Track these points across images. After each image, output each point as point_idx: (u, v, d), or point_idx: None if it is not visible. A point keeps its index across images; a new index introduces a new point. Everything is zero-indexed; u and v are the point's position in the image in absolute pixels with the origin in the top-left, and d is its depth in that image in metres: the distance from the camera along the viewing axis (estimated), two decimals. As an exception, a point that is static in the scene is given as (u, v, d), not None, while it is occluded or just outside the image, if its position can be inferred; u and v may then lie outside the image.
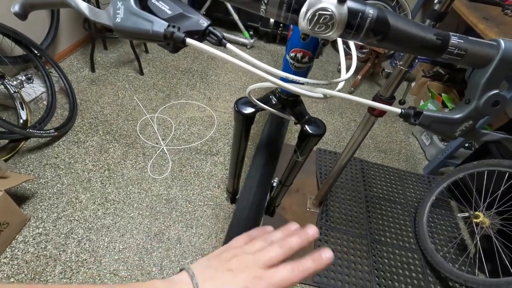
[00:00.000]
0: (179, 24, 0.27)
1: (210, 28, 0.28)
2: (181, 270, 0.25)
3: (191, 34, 0.27)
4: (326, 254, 0.26)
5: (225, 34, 2.30)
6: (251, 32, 2.35)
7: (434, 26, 0.69)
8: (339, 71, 2.32)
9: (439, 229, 1.37)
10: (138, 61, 1.81)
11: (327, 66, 2.37)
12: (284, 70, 0.49)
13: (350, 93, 2.14)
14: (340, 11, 0.24)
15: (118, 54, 1.97)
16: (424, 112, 0.29)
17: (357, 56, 2.47)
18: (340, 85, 0.35)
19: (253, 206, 0.55)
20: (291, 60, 0.46)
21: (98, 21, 0.26)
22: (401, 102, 0.80)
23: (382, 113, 0.89)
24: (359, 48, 2.40)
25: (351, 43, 0.37)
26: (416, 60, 2.19)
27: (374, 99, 0.89)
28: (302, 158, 0.59)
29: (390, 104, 0.88)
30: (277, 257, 0.26)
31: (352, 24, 0.25)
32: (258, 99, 0.50)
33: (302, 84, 0.33)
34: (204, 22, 0.28)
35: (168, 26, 0.26)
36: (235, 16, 2.22)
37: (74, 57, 1.85)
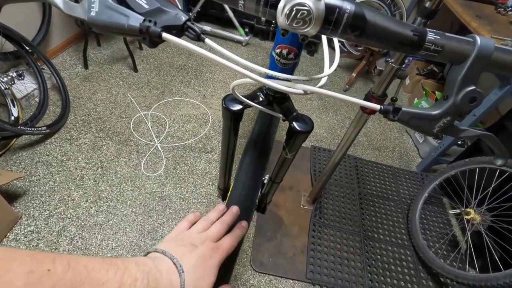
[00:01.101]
0: (156, 19, 0.26)
1: (189, 23, 0.28)
2: (148, 253, 0.31)
3: (169, 29, 0.27)
4: (243, 224, 0.41)
5: (221, 31, 2.30)
6: (247, 29, 2.34)
7: (425, 23, 0.69)
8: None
9: (431, 226, 1.38)
10: (132, 58, 1.80)
11: (323, 63, 2.36)
12: (270, 67, 0.48)
13: (345, 90, 2.14)
14: (317, 6, 0.24)
15: (111, 51, 1.95)
16: (402, 108, 0.29)
17: (352, 54, 2.46)
18: (323, 81, 0.35)
19: (242, 204, 0.55)
20: (277, 57, 0.45)
21: (73, 15, 0.26)
22: (393, 100, 0.80)
23: (373, 110, 0.89)
24: (354, 45, 2.40)
25: (335, 39, 0.37)
26: (411, 58, 2.20)
27: (366, 97, 0.89)
28: (291, 155, 0.59)
29: (382, 102, 0.88)
30: (221, 231, 0.36)
31: (330, 20, 0.25)
32: (245, 96, 0.50)
33: (289, 81, 0.33)
34: (182, 17, 0.27)
35: (144, 20, 0.25)
36: (230, 13, 2.21)
37: (66, 53, 1.83)
